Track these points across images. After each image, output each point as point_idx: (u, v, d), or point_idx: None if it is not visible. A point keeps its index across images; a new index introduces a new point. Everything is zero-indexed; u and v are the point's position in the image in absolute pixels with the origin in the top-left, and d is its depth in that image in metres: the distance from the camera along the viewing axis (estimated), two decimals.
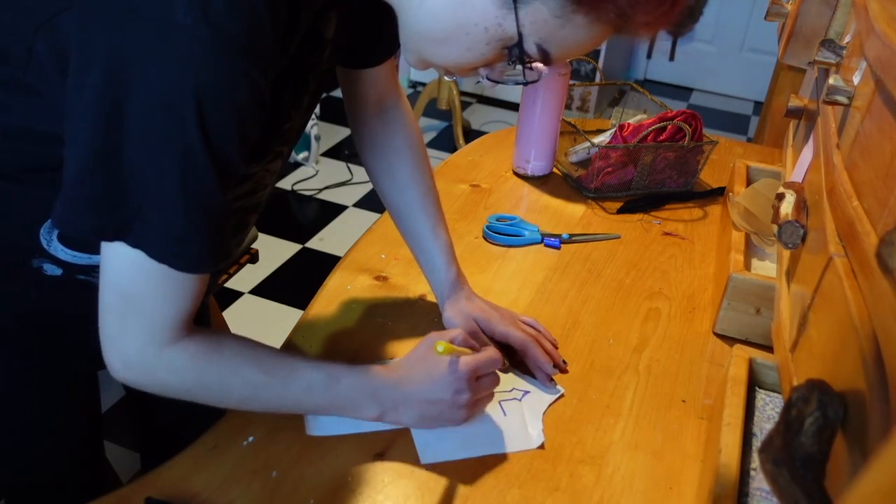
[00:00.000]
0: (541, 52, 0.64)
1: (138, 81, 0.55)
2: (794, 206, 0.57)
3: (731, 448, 0.71)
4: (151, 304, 0.63)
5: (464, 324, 0.92)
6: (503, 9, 0.61)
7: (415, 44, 0.67)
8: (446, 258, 0.96)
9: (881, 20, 0.46)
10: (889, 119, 0.42)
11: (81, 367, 0.88)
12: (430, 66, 0.70)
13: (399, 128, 0.97)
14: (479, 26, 0.63)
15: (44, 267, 0.74)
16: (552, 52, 0.65)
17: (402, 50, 0.70)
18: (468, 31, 0.63)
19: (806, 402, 0.38)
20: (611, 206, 1.33)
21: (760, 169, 1.25)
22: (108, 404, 1.64)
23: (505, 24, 0.62)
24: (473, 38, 0.64)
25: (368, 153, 0.98)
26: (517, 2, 0.61)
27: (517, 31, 0.62)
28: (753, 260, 1.08)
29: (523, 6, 0.61)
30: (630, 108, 1.55)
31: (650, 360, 0.96)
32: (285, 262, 2.47)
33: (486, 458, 0.80)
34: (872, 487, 0.27)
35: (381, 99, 0.96)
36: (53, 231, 0.72)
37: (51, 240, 0.72)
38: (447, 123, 3.50)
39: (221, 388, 0.70)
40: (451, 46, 0.65)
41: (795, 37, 0.92)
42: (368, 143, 0.97)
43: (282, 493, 0.74)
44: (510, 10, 0.61)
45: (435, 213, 0.97)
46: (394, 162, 0.96)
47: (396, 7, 0.66)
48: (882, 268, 0.31)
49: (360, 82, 0.94)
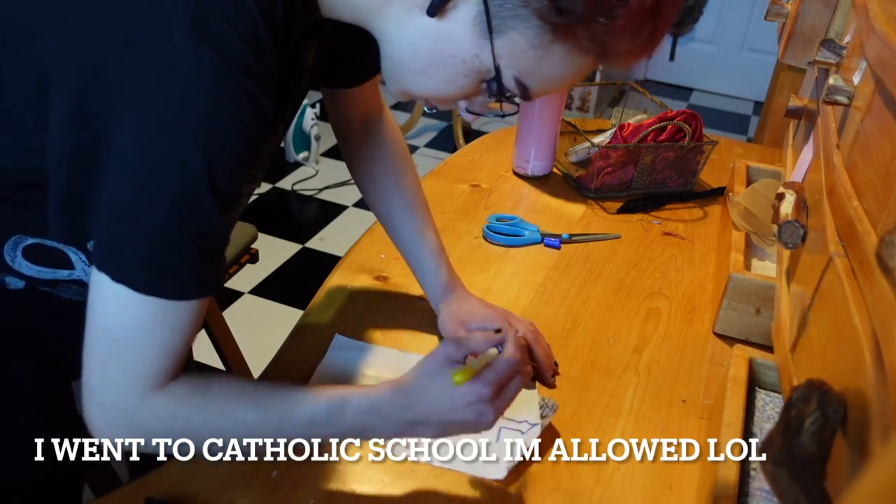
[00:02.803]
0: (519, 87, 0.63)
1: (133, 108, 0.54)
2: (794, 206, 0.57)
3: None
4: (137, 343, 0.59)
5: (459, 330, 0.91)
6: (481, 39, 0.60)
7: (396, 74, 0.66)
8: (436, 262, 0.96)
9: (881, 20, 0.46)
10: (889, 119, 0.42)
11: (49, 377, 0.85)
12: (411, 97, 0.69)
13: (382, 139, 0.97)
14: (458, 57, 0.62)
15: (6, 280, 0.73)
16: (531, 86, 0.63)
17: (385, 79, 0.69)
18: (447, 62, 0.62)
19: (806, 402, 0.38)
20: (611, 206, 1.32)
21: (760, 169, 1.25)
22: None
23: (482, 56, 0.61)
24: (452, 70, 0.63)
25: (354, 165, 0.99)
26: (492, 32, 0.59)
27: (494, 64, 0.61)
28: (753, 260, 1.08)
29: (499, 36, 0.60)
30: (630, 108, 1.55)
31: (650, 360, 0.96)
32: (285, 262, 2.47)
33: None
34: (872, 487, 0.27)
35: (366, 114, 0.97)
36: (18, 248, 0.70)
37: (15, 256, 0.71)
38: (447, 123, 3.50)
39: (213, 432, 0.64)
40: (430, 78, 0.64)
41: (795, 37, 0.92)
42: (354, 155, 0.98)
43: (282, 493, 0.74)
44: (487, 41, 0.60)
45: (422, 218, 0.97)
46: (379, 172, 0.97)
47: (379, 37, 0.65)
48: (882, 268, 0.31)
49: (344, 101, 0.95)
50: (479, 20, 0.59)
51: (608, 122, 1.60)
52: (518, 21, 0.59)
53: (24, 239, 0.70)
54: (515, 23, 0.59)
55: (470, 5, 0.59)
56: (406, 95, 0.69)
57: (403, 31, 0.63)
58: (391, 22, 0.63)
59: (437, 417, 0.69)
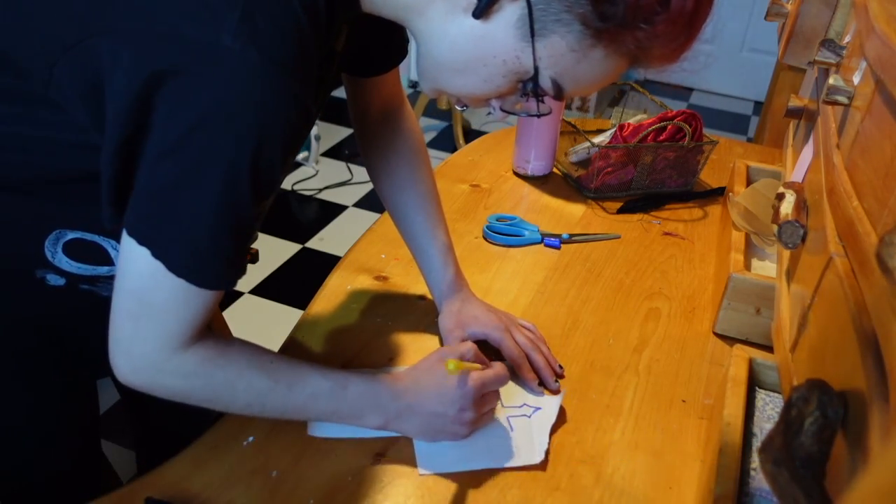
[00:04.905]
0: (555, 87, 0.65)
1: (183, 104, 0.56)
2: (794, 206, 0.57)
3: (731, 448, 0.71)
4: (167, 312, 0.63)
5: (457, 330, 0.92)
6: (522, 41, 0.62)
7: (433, 72, 0.68)
8: (443, 260, 0.96)
9: (881, 20, 0.46)
10: (889, 119, 0.42)
11: (80, 373, 0.87)
12: (444, 94, 0.71)
13: (401, 131, 0.97)
14: (498, 58, 0.63)
15: (47, 277, 0.75)
16: (566, 87, 0.65)
17: (419, 77, 0.70)
18: (486, 62, 0.64)
19: (806, 402, 0.38)
20: (611, 206, 1.32)
21: (760, 169, 1.25)
22: (108, 404, 1.64)
23: (523, 57, 0.63)
24: (491, 70, 0.64)
25: (370, 155, 0.99)
26: (535, 35, 0.61)
27: (533, 65, 0.63)
28: (753, 260, 1.08)
29: (541, 39, 0.61)
30: (630, 108, 1.54)
31: (650, 360, 0.96)
32: (285, 262, 2.47)
33: None
34: (872, 487, 0.27)
35: (386, 104, 0.97)
36: (59, 243, 0.72)
37: (55, 252, 0.73)
38: (447, 123, 3.50)
39: (227, 393, 0.70)
40: (468, 77, 0.66)
41: (795, 37, 0.92)
42: (371, 145, 0.98)
43: (282, 493, 0.74)
44: (528, 43, 0.62)
45: (434, 215, 0.97)
46: (394, 164, 0.97)
47: (418, 35, 0.67)
48: (882, 268, 0.31)
49: (365, 89, 0.95)
50: (522, 23, 0.61)
51: (608, 122, 1.60)
52: (560, 25, 0.61)
53: (64, 234, 0.72)
54: (557, 26, 0.61)
55: (514, 8, 0.61)
56: (438, 93, 0.70)
57: (445, 31, 0.64)
58: (432, 21, 0.64)
59: (424, 408, 0.77)
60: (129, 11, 0.57)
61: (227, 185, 0.59)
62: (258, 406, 0.71)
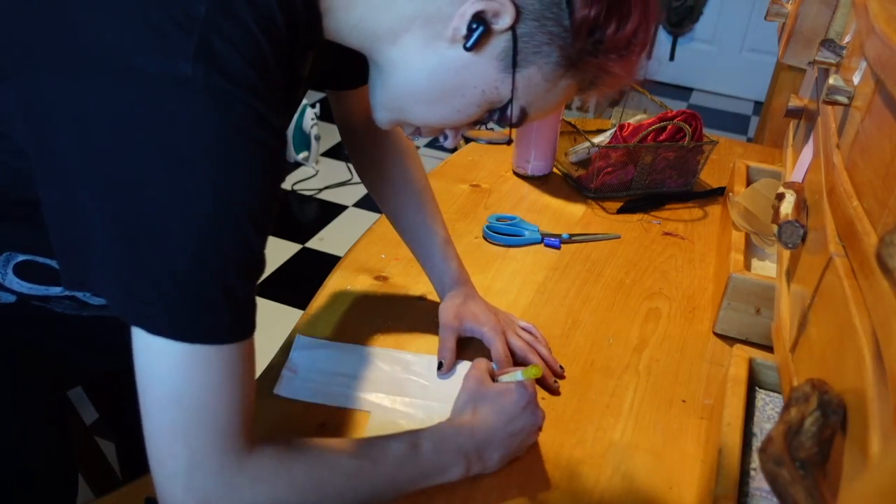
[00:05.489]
0: (521, 115, 0.66)
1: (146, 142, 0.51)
2: (794, 206, 0.57)
3: (731, 448, 0.71)
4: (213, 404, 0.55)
5: (454, 323, 0.92)
6: (503, 72, 0.62)
7: (398, 102, 0.66)
8: (444, 253, 0.96)
9: (881, 20, 0.46)
10: (889, 119, 0.42)
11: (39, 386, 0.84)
12: (401, 125, 0.70)
13: (388, 137, 0.97)
14: (478, 88, 0.63)
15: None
16: (530, 114, 0.66)
17: (375, 108, 0.68)
18: (465, 92, 0.63)
19: (806, 402, 0.38)
20: (611, 206, 1.32)
21: (760, 169, 1.25)
22: None
23: (501, 88, 0.63)
24: (468, 100, 0.64)
25: (361, 163, 0.99)
26: (516, 66, 0.61)
27: (510, 94, 0.63)
28: (753, 260, 1.07)
29: (520, 70, 0.62)
30: (630, 108, 1.54)
31: (650, 360, 0.96)
32: (285, 262, 2.47)
33: None
34: (872, 487, 0.27)
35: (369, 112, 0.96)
36: (9, 265, 0.70)
37: (6, 273, 0.70)
38: None
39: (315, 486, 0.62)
40: (441, 107, 0.65)
41: (795, 37, 0.92)
42: (359, 151, 0.98)
43: None
44: (509, 74, 0.62)
45: (430, 211, 0.98)
46: (385, 168, 0.97)
47: (386, 65, 0.64)
48: (882, 268, 0.31)
49: (347, 100, 0.95)
50: (506, 54, 0.61)
51: (608, 122, 1.60)
52: (539, 56, 0.61)
53: (14, 256, 0.69)
54: (537, 58, 0.61)
55: (500, 40, 0.60)
56: (397, 124, 0.70)
57: (424, 60, 0.62)
58: (407, 50, 0.62)
59: (501, 434, 0.75)
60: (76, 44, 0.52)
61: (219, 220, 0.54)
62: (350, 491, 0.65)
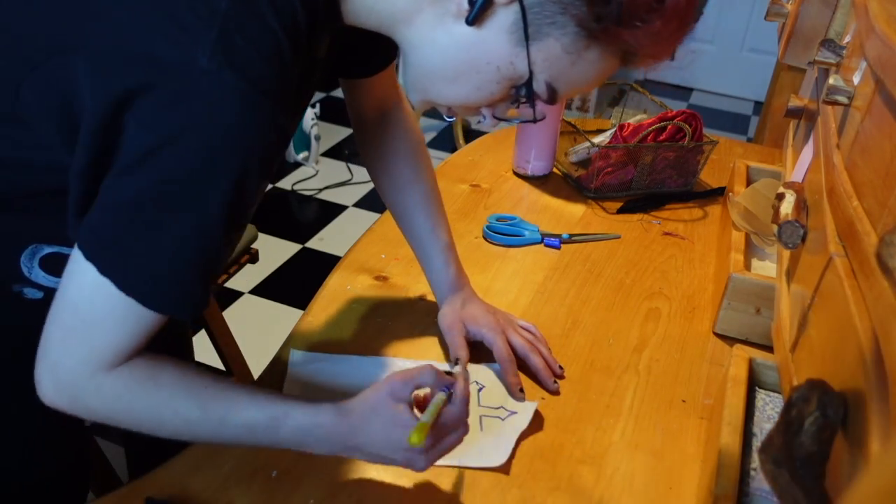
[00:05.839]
0: (549, 90, 0.64)
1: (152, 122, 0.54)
2: (794, 206, 0.57)
3: (731, 448, 0.71)
4: (101, 328, 0.60)
5: (455, 327, 0.92)
6: (517, 46, 0.61)
7: (421, 83, 0.66)
8: (445, 259, 0.96)
9: (881, 20, 0.46)
10: (889, 119, 0.42)
11: None
12: (433, 106, 0.69)
13: (399, 130, 0.97)
14: (492, 64, 0.62)
15: (24, 291, 0.73)
16: (560, 90, 0.64)
17: (406, 89, 0.69)
18: (479, 69, 0.63)
19: (806, 402, 0.38)
20: (611, 206, 1.32)
21: (760, 169, 1.25)
22: None
23: (517, 62, 0.62)
24: (484, 77, 0.63)
25: (369, 155, 0.98)
26: (529, 39, 0.60)
27: (528, 69, 0.62)
28: (753, 260, 1.08)
29: (535, 43, 0.60)
30: (630, 108, 1.54)
31: (650, 360, 0.96)
32: (285, 262, 2.47)
33: None
34: (872, 488, 0.27)
35: (382, 103, 0.96)
36: (35, 258, 0.71)
37: (32, 267, 0.71)
38: (447, 123, 3.50)
39: (152, 420, 0.65)
40: (461, 85, 0.64)
41: (795, 37, 0.92)
42: (369, 146, 0.98)
43: (282, 493, 0.74)
44: (523, 48, 0.61)
45: (435, 214, 0.97)
46: (394, 163, 0.97)
47: (404, 45, 0.65)
48: (882, 268, 0.31)
49: (360, 89, 0.95)
50: (516, 27, 0.60)
51: (608, 122, 1.60)
52: (555, 28, 0.60)
53: (41, 248, 0.70)
54: (552, 29, 0.60)
55: (507, 13, 0.60)
56: (428, 105, 0.69)
57: (435, 40, 0.62)
58: (420, 30, 0.63)
59: (370, 450, 0.69)
60: (101, 31, 0.55)
61: (193, 207, 0.57)
62: (188, 434, 0.67)
